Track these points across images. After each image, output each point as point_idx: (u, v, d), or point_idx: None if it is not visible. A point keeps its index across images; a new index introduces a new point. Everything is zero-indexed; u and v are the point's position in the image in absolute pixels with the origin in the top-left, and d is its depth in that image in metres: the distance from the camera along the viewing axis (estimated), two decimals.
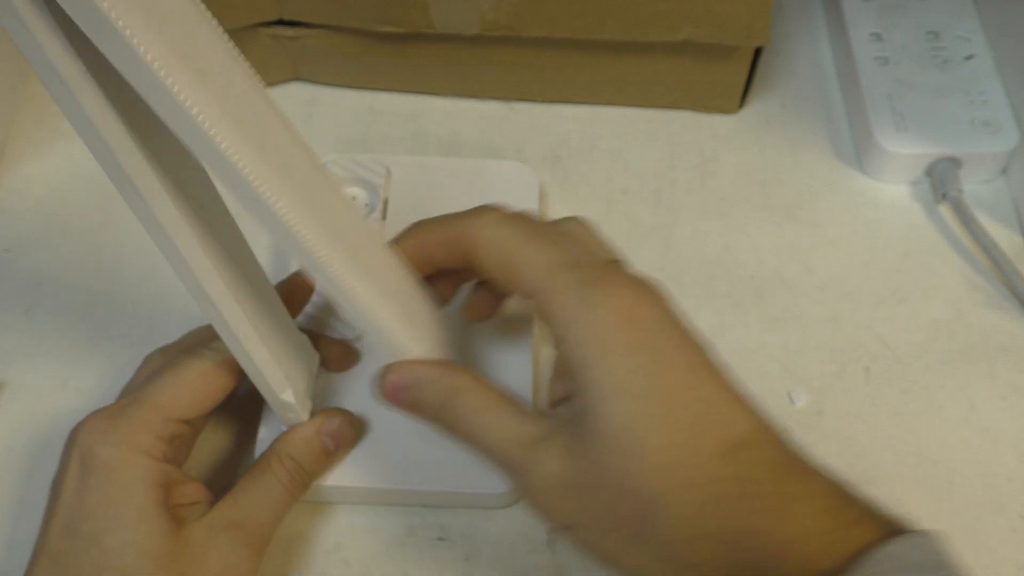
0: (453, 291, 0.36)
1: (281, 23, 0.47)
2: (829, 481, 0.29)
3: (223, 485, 0.35)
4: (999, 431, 0.41)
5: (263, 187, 0.25)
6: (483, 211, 0.32)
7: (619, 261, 0.33)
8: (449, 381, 0.32)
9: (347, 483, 0.37)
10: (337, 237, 0.29)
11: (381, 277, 0.31)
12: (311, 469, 0.36)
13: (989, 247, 0.44)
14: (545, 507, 0.30)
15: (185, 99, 0.22)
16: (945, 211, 0.47)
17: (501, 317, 0.41)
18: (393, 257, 0.33)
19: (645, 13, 0.44)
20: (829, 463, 0.40)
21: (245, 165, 0.24)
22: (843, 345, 0.43)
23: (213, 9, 0.45)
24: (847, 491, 0.29)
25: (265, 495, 0.34)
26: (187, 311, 0.42)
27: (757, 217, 0.47)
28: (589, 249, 0.33)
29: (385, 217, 0.44)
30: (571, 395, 0.30)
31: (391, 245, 0.34)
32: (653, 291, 0.30)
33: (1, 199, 0.47)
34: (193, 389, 0.34)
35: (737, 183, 0.48)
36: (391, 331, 0.31)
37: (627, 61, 0.48)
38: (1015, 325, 0.43)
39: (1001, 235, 0.45)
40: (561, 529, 0.30)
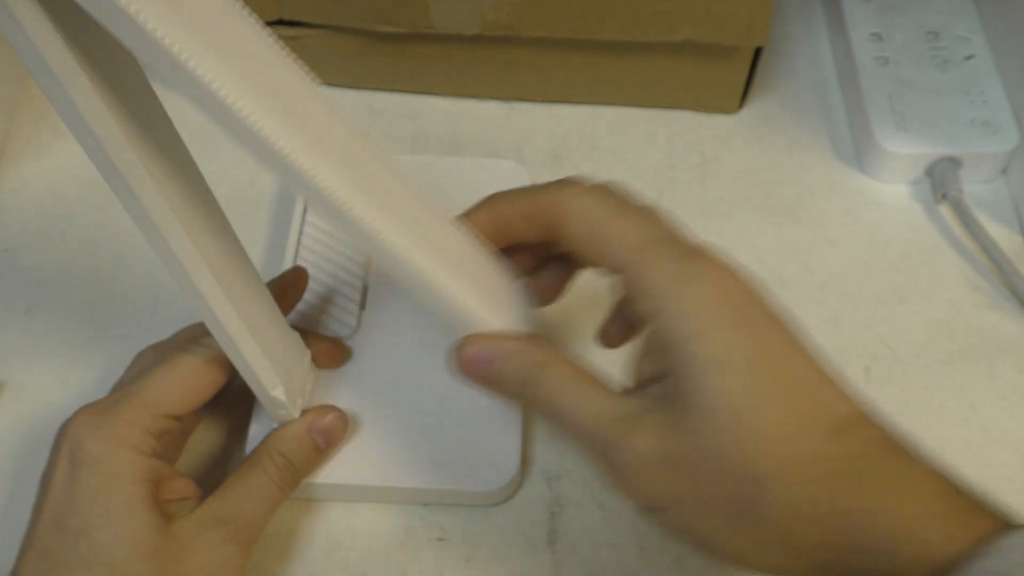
0: (530, 265, 0.34)
1: (281, 23, 0.47)
2: (935, 466, 0.28)
3: (214, 482, 0.35)
4: (999, 431, 0.41)
5: (307, 167, 0.25)
6: (569, 182, 0.31)
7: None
8: (533, 355, 0.30)
9: (338, 480, 0.37)
10: (393, 211, 0.28)
11: (447, 250, 0.30)
12: (301, 466, 0.36)
13: (989, 247, 0.44)
14: (637, 487, 0.28)
15: (218, 86, 0.22)
16: (945, 211, 0.47)
17: None
18: (460, 229, 0.32)
19: (645, 13, 0.44)
20: None
21: (286, 144, 0.24)
22: (843, 345, 0.43)
23: None
24: (955, 477, 0.28)
25: (255, 492, 0.34)
26: (187, 311, 0.42)
27: (757, 217, 0.47)
28: (673, 228, 0.31)
29: None
30: (664, 373, 0.28)
31: (460, 218, 0.32)
32: (743, 271, 0.29)
33: (1, 199, 0.47)
34: (183, 385, 0.34)
35: (737, 183, 0.48)
36: (462, 303, 0.30)
37: (627, 61, 0.48)
38: (1015, 325, 0.43)
39: (1001, 235, 0.45)
40: (650, 511, 0.28)
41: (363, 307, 0.41)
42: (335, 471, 0.37)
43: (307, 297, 0.40)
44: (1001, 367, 0.42)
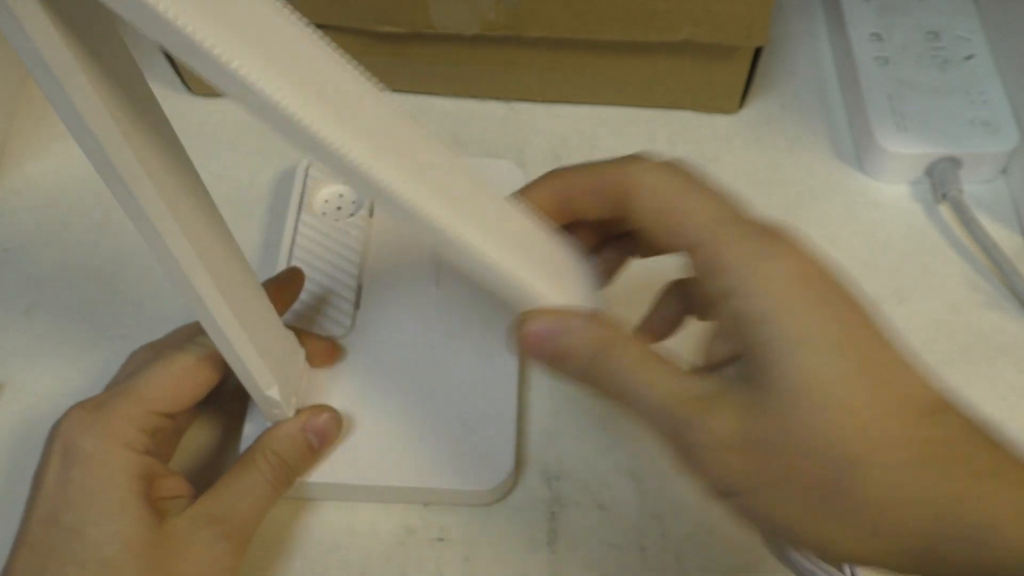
0: (590, 244, 0.33)
1: None
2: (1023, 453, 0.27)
3: (207, 481, 0.35)
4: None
5: (352, 153, 0.25)
6: (639, 157, 0.30)
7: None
8: (602, 332, 0.29)
9: (332, 480, 0.37)
10: (438, 188, 0.27)
11: (500, 225, 0.29)
12: (295, 465, 0.36)
13: (989, 247, 0.44)
14: (712, 469, 0.27)
15: (254, 79, 0.22)
16: (945, 211, 0.47)
17: (485, 303, 0.41)
18: (515, 206, 0.31)
19: (645, 13, 0.44)
20: None
21: (310, 115, 0.24)
22: None
23: None
24: None
25: (249, 490, 0.34)
26: (185, 310, 0.42)
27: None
28: (744, 207, 0.30)
29: (373, 215, 0.44)
30: (740, 353, 0.27)
31: (516, 195, 0.32)
32: (818, 251, 0.28)
33: (1, 199, 0.47)
34: (176, 383, 0.34)
35: (737, 183, 0.48)
36: (519, 278, 0.28)
37: (627, 61, 0.48)
38: (1015, 325, 0.43)
39: (1001, 235, 0.45)
40: (724, 494, 0.27)
41: (357, 306, 0.41)
42: (329, 470, 0.37)
43: (302, 296, 0.40)
44: (1001, 367, 0.42)
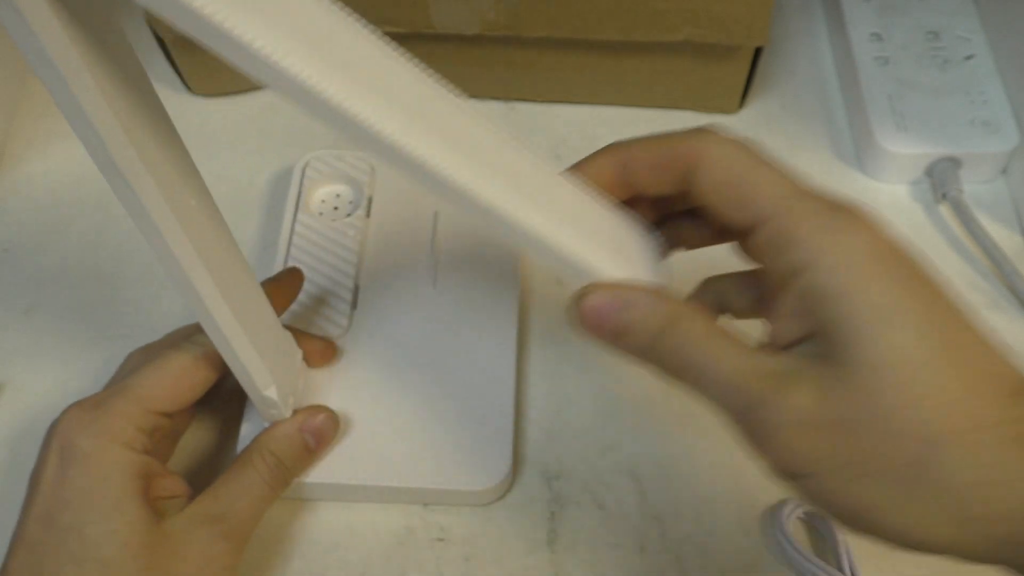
0: (653, 219, 0.32)
1: None
2: None
3: (204, 481, 0.35)
4: None
5: (396, 135, 0.24)
6: (706, 130, 0.29)
7: None
8: (666, 306, 0.27)
9: (328, 480, 0.37)
10: (479, 161, 0.26)
11: (551, 199, 0.28)
12: (292, 465, 0.36)
13: (989, 247, 0.44)
14: (784, 449, 0.26)
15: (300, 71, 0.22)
16: (945, 211, 0.47)
17: (484, 294, 0.41)
18: (570, 180, 0.30)
19: (645, 13, 0.44)
20: None
21: (350, 99, 0.23)
22: None
23: None
24: None
25: (246, 490, 0.34)
26: (186, 311, 0.42)
27: None
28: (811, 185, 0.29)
29: (370, 215, 0.44)
30: (814, 331, 0.26)
31: (572, 169, 0.31)
32: (892, 228, 0.27)
33: (1, 199, 0.47)
34: (174, 382, 0.34)
35: None
36: (576, 252, 0.27)
37: (627, 61, 0.48)
38: (1015, 325, 0.43)
39: (1001, 235, 0.45)
40: (795, 476, 0.26)
41: (354, 306, 0.41)
42: (326, 470, 0.37)
43: (299, 297, 0.40)
44: None
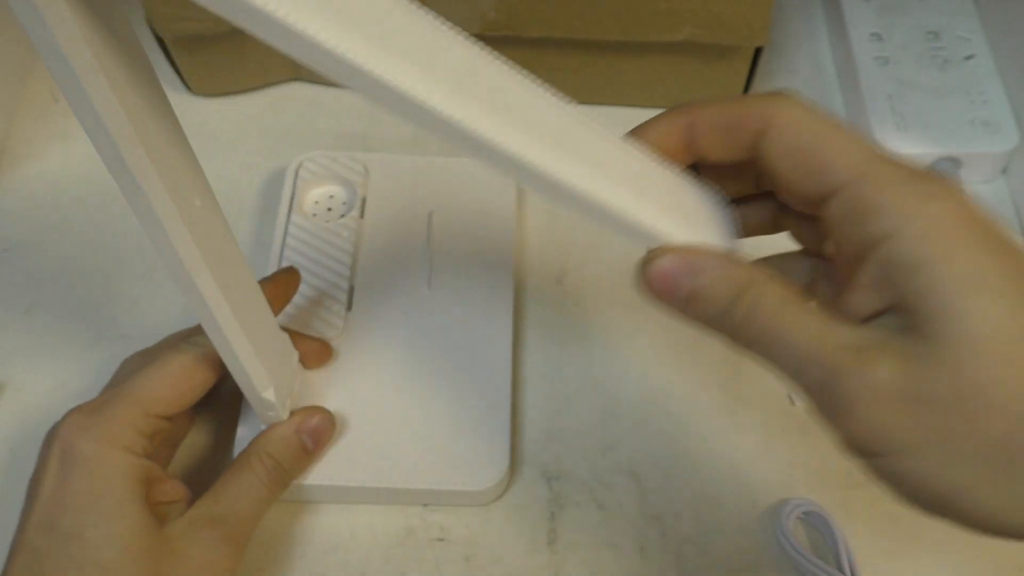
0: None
1: None
2: None
3: (202, 484, 0.35)
4: None
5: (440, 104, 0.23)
6: (777, 94, 0.28)
7: None
8: (740, 271, 0.26)
9: (325, 481, 0.37)
10: (529, 128, 0.26)
11: (614, 165, 0.27)
12: (290, 467, 0.36)
13: None
14: (865, 424, 0.24)
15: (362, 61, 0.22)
16: None
17: (479, 294, 0.41)
18: (630, 144, 0.28)
19: (645, 13, 0.44)
20: (829, 463, 0.40)
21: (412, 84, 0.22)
22: None
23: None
24: None
25: (245, 493, 0.34)
26: (186, 311, 0.42)
27: None
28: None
29: (363, 216, 0.44)
30: (897, 302, 0.25)
31: (634, 131, 0.29)
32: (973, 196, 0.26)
33: (1, 199, 0.47)
34: (174, 383, 0.34)
35: None
36: (640, 218, 0.26)
37: (627, 61, 0.48)
38: None
39: None
40: (872, 454, 0.25)
41: (349, 308, 0.41)
42: (322, 472, 0.37)
43: (294, 298, 0.40)
44: None
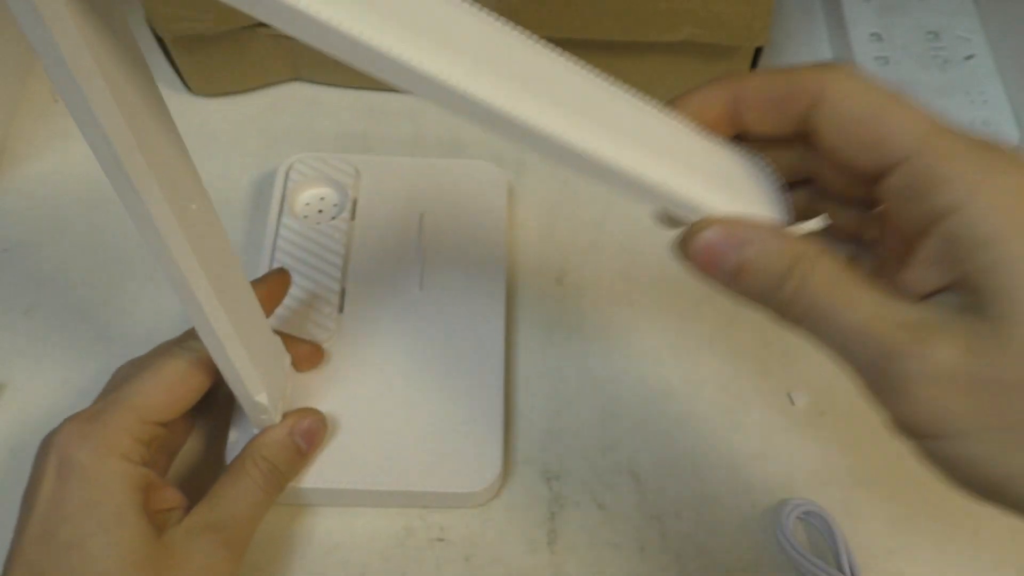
0: None
1: None
2: None
3: (194, 489, 0.35)
4: None
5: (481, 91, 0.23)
6: (830, 64, 0.26)
7: None
8: (791, 244, 0.25)
9: (318, 485, 0.37)
10: (566, 104, 0.25)
11: (651, 137, 0.26)
12: (285, 470, 0.36)
13: None
14: (923, 407, 0.24)
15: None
16: None
17: (471, 295, 0.41)
18: (669, 115, 0.27)
19: (645, 13, 0.44)
20: (829, 463, 0.40)
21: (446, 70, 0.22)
22: None
23: (212, 8, 0.44)
24: None
25: (242, 498, 0.34)
26: (185, 311, 0.41)
27: None
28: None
29: (354, 217, 0.44)
30: (960, 280, 0.24)
31: (677, 101, 0.28)
32: None
33: (1, 199, 0.47)
34: (170, 389, 0.34)
35: None
36: (681, 190, 0.25)
37: (627, 61, 0.48)
38: None
39: None
40: (927, 437, 0.24)
41: (341, 310, 0.41)
42: (315, 475, 0.37)
43: (285, 301, 0.40)
44: None
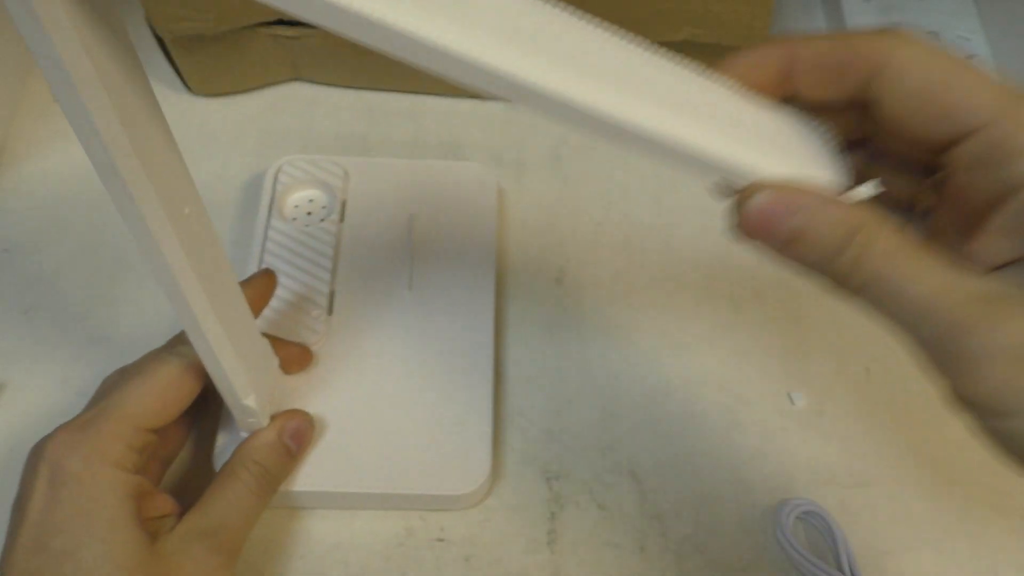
0: None
1: (281, 23, 0.47)
2: None
3: (184, 493, 0.35)
4: None
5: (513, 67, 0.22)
6: (892, 30, 0.25)
7: None
8: (852, 211, 0.24)
9: (306, 488, 0.37)
10: (597, 73, 0.24)
11: (693, 104, 0.24)
12: (277, 472, 0.36)
13: None
14: (992, 383, 0.23)
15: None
16: None
17: (460, 296, 0.41)
18: (712, 79, 0.26)
19: (645, 13, 0.44)
20: (829, 463, 0.40)
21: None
22: (843, 345, 0.43)
23: (212, 8, 0.44)
24: None
25: (235, 503, 0.34)
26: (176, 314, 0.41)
27: None
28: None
29: (343, 219, 0.44)
30: None
31: (722, 64, 0.27)
32: None
33: (1, 199, 0.47)
34: (161, 395, 0.33)
35: None
36: (727, 151, 0.23)
37: None
38: None
39: None
40: (997, 414, 0.24)
41: (330, 312, 0.41)
42: (301, 479, 0.37)
43: (274, 303, 0.40)
44: None
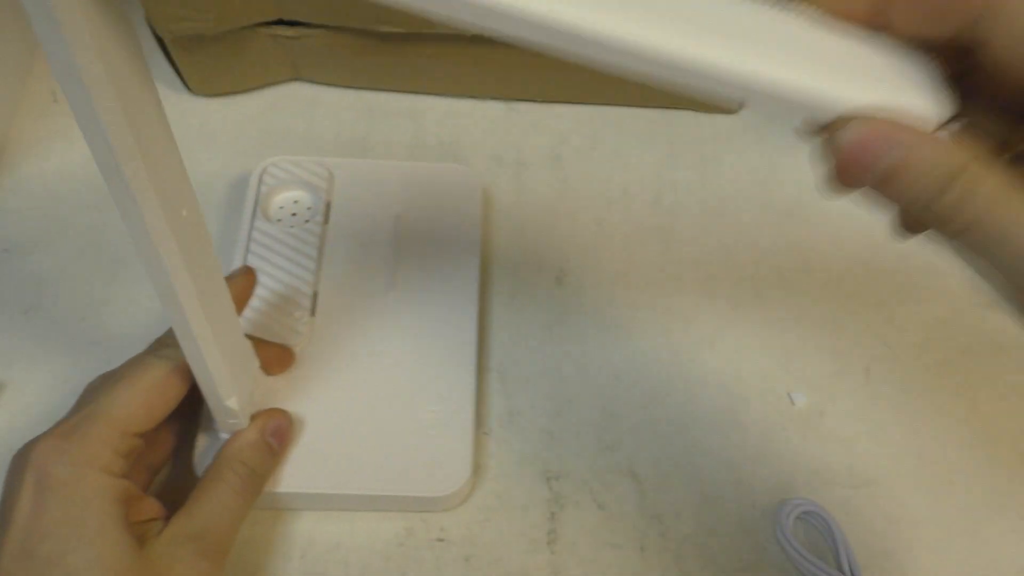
0: None
1: (281, 23, 0.47)
2: None
3: (169, 495, 0.34)
4: (999, 431, 0.41)
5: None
6: None
7: None
8: (956, 152, 0.22)
9: (286, 489, 0.37)
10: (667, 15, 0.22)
11: (776, 38, 0.23)
12: (262, 471, 0.36)
13: None
14: None
15: None
16: None
17: (444, 297, 0.41)
18: (792, 15, 0.24)
19: None
20: (829, 463, 0.40)
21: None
22: (843, 345, 0.43)
23: (213, 8, 0.44)
24: None
25: (221, 505, 0.34)
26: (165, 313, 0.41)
27: (757, 217, 0.47)
28: None
29: (328, 220, 0.44)
30: None
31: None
32: None
33: (1, 199, 0.47)
34: (147, 398, 0.33)
35: (737, 183, 0.48)
36: (819, 88, 0.22)
37: None
38: (1015, 325, 0.43)
39: None
40: None
41: (313, 313, 0.41)
42: (285, 480, 0.37)
43: (257, 304, 0.39)
44: (1001, 367, 0.42)
